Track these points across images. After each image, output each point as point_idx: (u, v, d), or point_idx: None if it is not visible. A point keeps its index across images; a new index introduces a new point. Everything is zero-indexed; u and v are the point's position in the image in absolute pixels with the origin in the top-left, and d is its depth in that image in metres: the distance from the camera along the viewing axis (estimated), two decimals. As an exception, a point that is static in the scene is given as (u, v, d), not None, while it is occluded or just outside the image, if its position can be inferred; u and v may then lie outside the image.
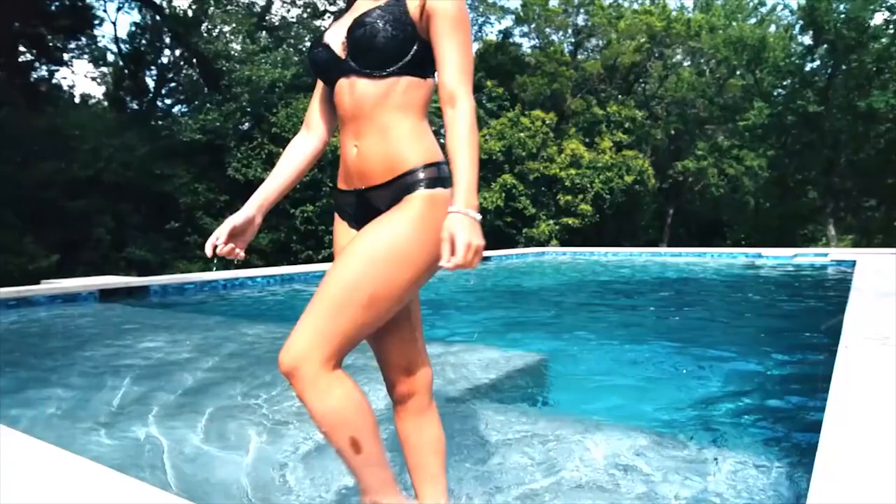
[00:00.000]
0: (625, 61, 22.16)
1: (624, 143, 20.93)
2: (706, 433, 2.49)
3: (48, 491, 1.28)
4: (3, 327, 5.14)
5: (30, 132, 11.58)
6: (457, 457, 2.12)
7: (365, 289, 1.29)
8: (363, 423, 1.30)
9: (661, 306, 6.93)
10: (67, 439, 2.25)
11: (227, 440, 2.30)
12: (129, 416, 2.57)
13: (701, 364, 3.76)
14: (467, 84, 1.34)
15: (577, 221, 19.54)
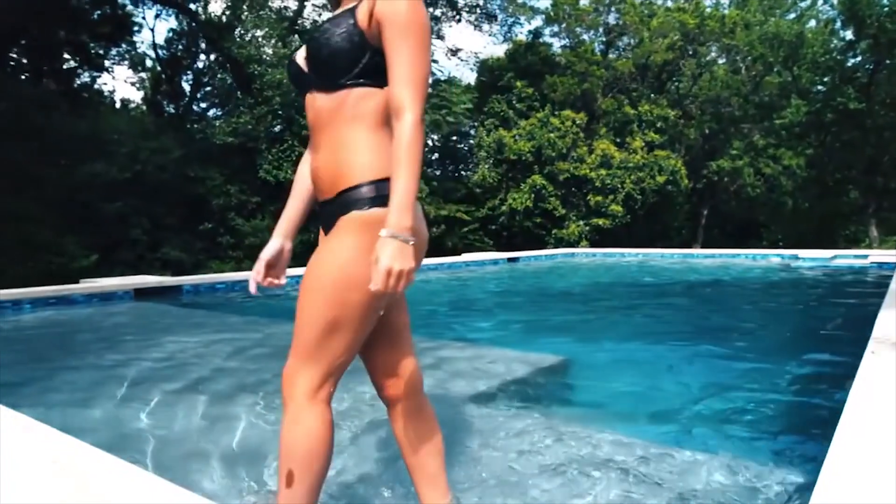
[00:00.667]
0: (657, 60, 21.82)
1: (656, 143, 20.62)
2: (727, 441, 2.45)
3: (66, 483, 1.35)
4: (42, 325, 5.35)
5: (72, 136, 12.01)
6: (464, 458, 2.14)
7: (323, 320, 1.32)
8: (307, 466, 1.33)
9: (690, 309, 6.81)
10: (90, 433, 2.34)
11: (252, 440, 2.36)
12: (153, 413, 2.66)
13: (726, 370, 3.69)
14: (414, 93, 1.27)
15: (607, 222, 19.33)
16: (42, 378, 3.19)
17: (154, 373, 3.35)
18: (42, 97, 13.32)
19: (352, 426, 2.50)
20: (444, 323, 5.94)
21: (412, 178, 1.24)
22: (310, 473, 1.34)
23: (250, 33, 15.77)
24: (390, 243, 1.20)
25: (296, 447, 1.34)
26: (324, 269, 1.34)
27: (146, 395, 2.91)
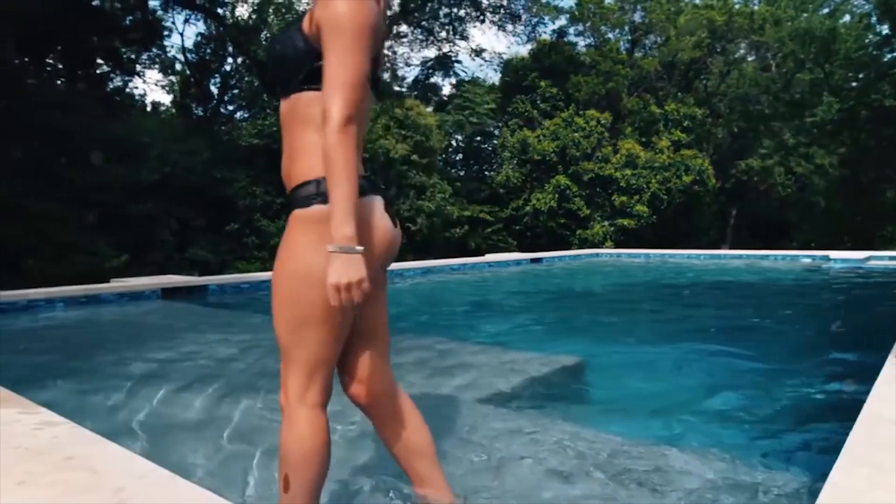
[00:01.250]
0: (684, 58, 21.50)
1: (682, 143, 20.32)
2: (743, 446, 2.42)
3: (78, 477, 1.39)
4: (73, 323, 5.51)
5: (105, 139, 12.33)
6: (474, 459, 2.15)
7: (289, 321, 1.35)
8: (303, 469, 1.35)
9: (713, 311, 6.71)
10: (110, 428, 2.41)
11: (268, 439, 2.40)
12: (173, 410, 2.72)
13: (746, 374, 3.63)
14: (339, 98, 1.24)
15: (632, 223, 19.12)
16: (69, 374, 3.30)
17: (177, 371, 3.43)
18: (76, 101, 13.70)
19: (347, 428, 2.53)
20: (463, 323, 5.95)
21: (343, 186, 1.22)
22: (304, 477, 1.36)
23: (276, 36, 16.01)
24: (335, 258, 1.20)
25: (289, 451, 1.36)
26: (278, 270, 1.37)
27: (167, 392, 2.99)
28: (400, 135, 15.81)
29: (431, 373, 3.39)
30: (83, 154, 11.96)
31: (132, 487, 1.33)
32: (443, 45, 23.18)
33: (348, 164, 1.23)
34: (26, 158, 11.33)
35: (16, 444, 1.61)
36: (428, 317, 6.47)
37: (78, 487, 1.33)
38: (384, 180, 15.32)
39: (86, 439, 1.65)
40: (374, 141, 14.94)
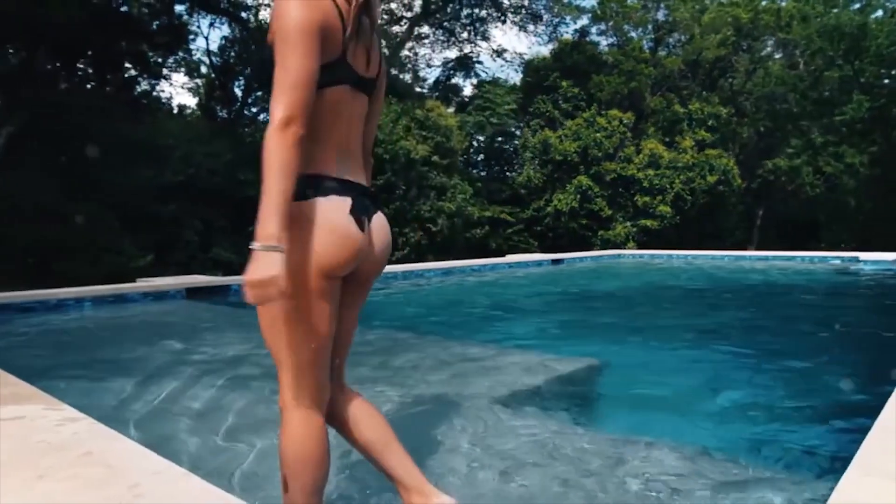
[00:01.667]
0: (708, 56, 21.19)
1: (707, 142, 20.03)
2: (761, 454, 2.38)
3: (95, 472, 1.44)
4: (100, 322, 5.65)
5: (131, 142, 12.60)
6: (483, 461, 2.16)
7: (268, 321, 1.38)
8: (300, 471, 1.36)
9: (735, 313, 6.61)
10: (130, 424, 2.47)
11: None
12: (191, 408, 2.78)
13: (766, 378, 3.58)
14: (280, 100, 1.26)
15: (655, 223, 18.91)
16: (94, 372, 3.38)
17: (196, 369, 3.50)
18: (105, 105, 14.02)
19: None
20: (481, 325, 5.95)
21: (271, 186, 1.23)
22: (301, 479, 1.37)
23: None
24: (253, 256, 1.22)
25: (286, 453, 1.38)
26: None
27: (186, 389, 3.05)
28: (421, 136, 15.84)
29: (446, 373, 3.41)
30: (111, 157, 12.23)
31: (146, 483, 1.37)
32: (464, 45, 23.22)
33: (281, 164, 1.24)
34: (57, 161, 11.64)
35: (38, 439, 1.67)
36: (446, 317, 6.49)
37: (94, 482, 1.37)
38: (405, 181, 15.37)
39: (104, 435, 1.70)
40: (394, 142, 15.00)
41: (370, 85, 1.49)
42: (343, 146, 1.43)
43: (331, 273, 1.35)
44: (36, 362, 3.56)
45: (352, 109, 1.45)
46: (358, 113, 1.48)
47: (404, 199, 15.36)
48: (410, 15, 21.16)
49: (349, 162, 1.44)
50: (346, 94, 1.42)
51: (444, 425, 2.50)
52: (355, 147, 1.48)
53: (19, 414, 1.93)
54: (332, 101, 1.39)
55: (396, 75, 19.26)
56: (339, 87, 1.39)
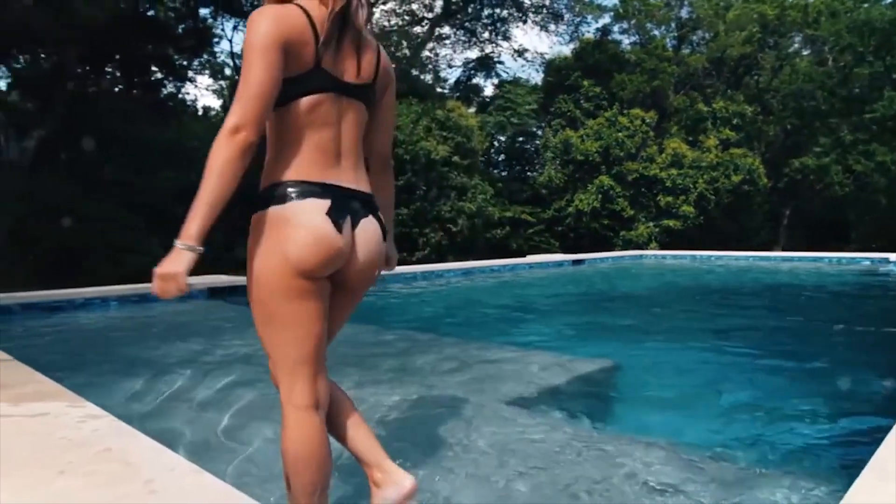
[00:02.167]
0: (733, 54, 20.86)
1: (731, 141, 19.73)
2: (777, 457, 2.35)
3: (112, 469, 1.48)
4: (124, 321, 5.78)
5: (157, 144, 12.85)
6: (495, 462, 2.17)
7: (257, 321, 1.44)
8: (300, 470, 1.40)
9: (759, 315, 6.51)
10: (148, 421, 2.53)
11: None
12: (210, 408, 2.84)
13: (787, 383, 3.52)
14: (234, 109, 1.34)
15: (678, 223, 18.69)
16: (116, 370, 3.47)
17: (218, 368, 3.56)
18: (131, 108, 14.32)
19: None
20: (499, 325, 5.95)
21: (204, 189, 1.30)
22: (301, 479, 1.41)
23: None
24: (172, 251, 1.30)
25: (286, 453, 1.42)
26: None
27: (206, 388, 3.11)
28: (441, 136, 15.87)
29: (462, 374, 3.42)
30: (137, 158, 12.49)
31: (161, 479, 1.40)
32: (485, 46, 23.19)
33: (220, 170, 1.31)
34: (86, 163, 11.93)
35: (60, 436, 1.72)
36: (465, 318, 6.50)
37: (112, 478, 1.42)
38: (425, 181, 15.41)
39: (123, 432, 1.75)
40: (415, 143, 15.05)
41: (361, 91, 1.52)
42: (328, 152, 1.46)
43: (308, 273, 1.39)
44: (61, 360, 3.66)
45: (340, 115, 1.48)
46: (350, 118, 1.50)
47: (424, 200, 15.40)
48: (431, 16, 21.21)
49: (337, 167, 1.47)
50: (329, 101, 1.45)
51: (458, 425, 2.52)
52: (347, 151, 1.50)
53: (43, 411, 1.99)
54: (311, 109, 1.43)
55: (417, 76, 19.31)
56: (319, 96, 1.43)
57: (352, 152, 1.51)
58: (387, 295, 8.04)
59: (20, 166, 11.90)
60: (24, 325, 5.23)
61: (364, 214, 1.50)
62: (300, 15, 1.40)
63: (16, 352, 3.06)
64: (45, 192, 11.17)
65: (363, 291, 1.62)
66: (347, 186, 1.47)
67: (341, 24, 1.45)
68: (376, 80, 1.55)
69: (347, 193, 1.47)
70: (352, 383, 3.21)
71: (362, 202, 1.51)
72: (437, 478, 2.02)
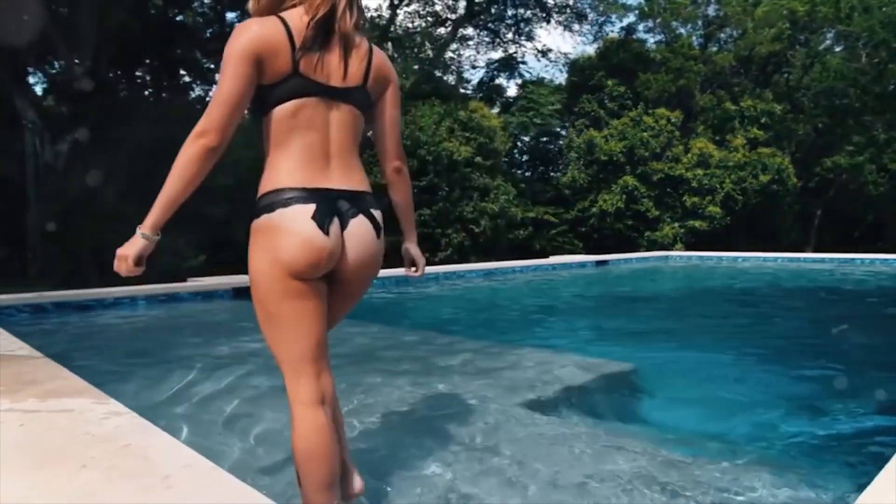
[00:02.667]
0: (761, 51, 20.46)
1: (760, 140, 19.36)
2: (795, 470, 2.32)
3: (129, 463, 1.53)
4: (151, 320, 5.92)
5: (185, 146, 13.12)
6: (507, 463, 2.18)
7: (259, 321, 1.54)
8: (306, 466, 1.47)
9: (785, 318, 6.39)
10: (168, 418, 2.60)
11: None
12: (228, 404, 2.90)
13: (810, 390, 3.45)
14: (204, 115, 1.45)
15: (704, 224, 18.42)
16: (141, 368, 3.56)
17: (239, 367, 3.62)
18: (161, 111, 14.63)
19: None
20: (519, 326, 5.95)
21: (166, 185, 1.46)
22: (310, 475, 1.46)
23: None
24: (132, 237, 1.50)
25: (295, 450, 1.49)
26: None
27: (227, 386, 3.17)
28: (464, 137, 15.89)
29: (478, 374, 3.43)
30: (168, 161, 12.75)
31: (177, 475, 1.45)
32: (509, 46, 23.14)
33: (181, 170, 1.44)
34: (118, 165, 12.22)
35: (84, 431, 1.78)
36: (484, 318, 6.51)
37: (131, 473, 1.47)
38: (447, 182, 15.44)
39: (143, 429, 1.81)
40: (437, 143, 15.10)
41: (350, 94, 1.56)
42: (316, 154, 1.52)
43: (299, 274, 1.46)
44: (90, 357, 3.77)
45: (327, 119, 1.53)
46: (340, 121, 1.55)
47: (447, 201, 15.43)
48: (455, 17, 21.24)
49: (325, 169, 1.53)
50: (313, 105, 1.51)
51: (474, 426, 2.53)
52: (337, 153, 1.55)
53: (70, 407, 2.07)
54: (294, 113, 1.50)
55: (440, 77, 19.34)
56: (302, 100, 1.49)
57: (342, 153, 1.56)
58: (408, 295, 8.09)
59: (54, 169, 12.24)
60: (57, 323, 5.39)
61: (353, 214, 1.54)
62: (276, 25, 1.47)
63: (47, 349, 3.16)
64: (77, 194, 11.48)
65: (359, 289, 1.67)
66: (335, 188, 1.52)
67: (326, 29, 1.50)
68: (367, 83, 1.59)
69: (334, 195, 1.51)
70: (370, 383, 3.25)
71: (351, 201, 1.54)
72: (452, 475, 2.04)
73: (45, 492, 1.38)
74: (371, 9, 25.04)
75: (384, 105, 1.67)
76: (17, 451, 1.65)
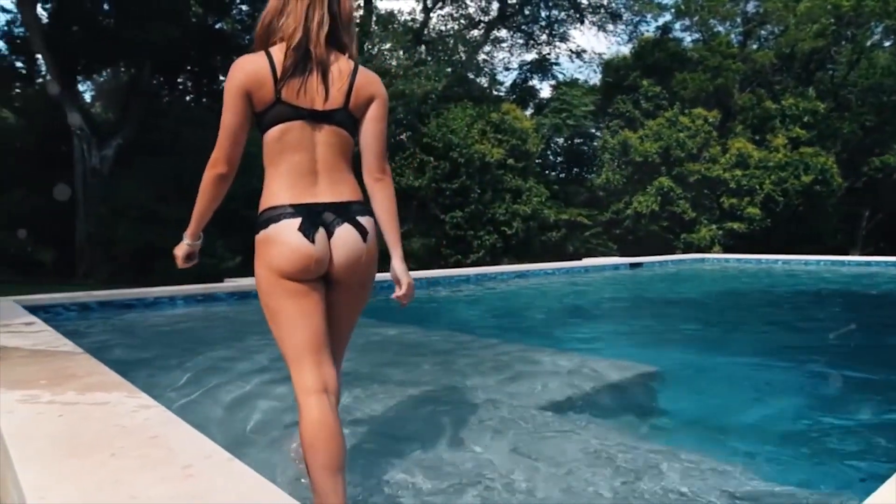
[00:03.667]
0: (804, 48, 19.87)
1: (802, 140, 18.81)
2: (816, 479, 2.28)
3: (156, 453, 1.63)
4: (188, 318, 6.12)
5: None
6: (523, 464, 2.21)
7: (265, 314, 1.77)
8: (310, 453, 1.59)
9: (822, 324, 6.22)
10: (198, 414, 2.71)
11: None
12: (257, 400, 3.00)
13: (841, 399, 3.35)
14: (215, 147, 1.74)
15: (742, 226, 18.00)
16: (174, 364, 3.70)
17: (272, 365, 3.73)
18: (201, 116, 15.08)
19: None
20: (547, 329, 5.95)
21: (196, 202, 1.83)
22: (314, 459, 1.57)
23: (377, 47, 16.65)
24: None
25: (301, 437, 1.62)
26: None
27: (261, 387, 3.28)
28: (496, 139, 15.90)
29: (499, 375, 3.46)
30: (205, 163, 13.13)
31: (198, 465, 1.53)
32: (542, 48, 23.04)
33: (201, 193, 1.80)
34: (160, 168, 12.66)
35: (115, 423, 1.89)
36: (512, 320, 6.52)
37: (155, 461, 1.56)
38: (479, 184, 15.47)
39: (170, 421, 1.91)
40: (469, 146, 15.15)
41: (332, 115, 1.74)
42: (304, 172, 1.72)
43: (291, 277, 1.68)
44: (127, 354, 3.94)
45: (313, 139, 1.73)
46: (325, 140, 1.74)
47: (479, 203, 15.47)
48: (487, 19, 21.26)
49: (313, 185, 1.73)
50: (299, 128, 1.71)
51: (484, 424, 2.57)
52: (324, 169, 1.74)
53: (105, 400, 2.18)
54: (281, 136, 1.71)
55: (473, 79, 19.38)
56: (287, 124, 1.70)
57: (329, 169, 1.75)
58: (438, 297, 8.16)
59: (100, 173, 12.75)
60: (100, 321, 5.63)
61: (339, 223, 1.73)
62: (261, 60, 1.69)
63: (88, 346, 3.32)
64: (122, 197, 11.94)
65: (359, 289, 1.83)
66: (321, 202, 1.72)
67: (305, 59, 1.68)
68: (348, 104, 1.75)
69: (320, 208, 1.71)
70: (395, 382, 3.31)
71: (337, 212, 1.73)
72: (463, 473, 2.09)
73: (76, 477, 1.48)
74: (405, 13, 25.28)
75: (367, 121, 1.81)
76: (54, 439, 1.76)
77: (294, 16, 1.69)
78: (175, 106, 16.56)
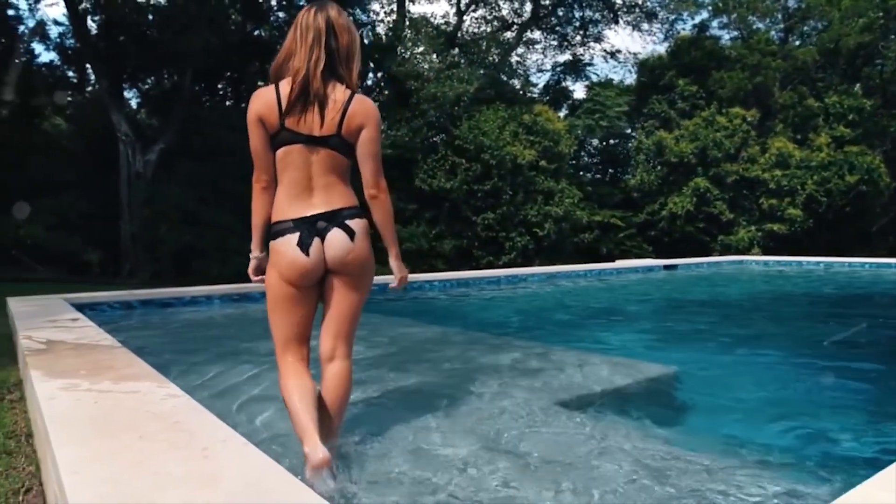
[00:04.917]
0: (848, 43, 19.22)
1: (846, 138, 18.20)
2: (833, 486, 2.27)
3: (178, 437, 1.75)
4: (223, 317, 6.35)
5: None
6: (538, 464, 2.27)
7: (266, 304, 2.21)
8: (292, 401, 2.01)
9: (862, 330, 6.04)
10: (220, 403, 2.85)
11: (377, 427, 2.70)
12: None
13: (867, 408, 3.29)
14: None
15: (783, 228, 17.51)
16: (205, 359, 3.88)
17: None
18: (239, 122, 15.51)
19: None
20: (574, 330, 5.96)
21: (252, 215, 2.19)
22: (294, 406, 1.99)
23: (409, 51, 16.81)
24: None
25: (282, 391, 2.09)
26: None
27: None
28: (528, 140, 15.88)
29: (520, 375, 3.52)
30: (243, 168, 13.51)
31: (214, 447, 1.66)
32: (576, 49, 22.88)
33: (253, 206, 2.17)
34: (200, 172, 13.09)
35: (146, 409, 2.04)
36: (541, 321, 6.55)
37: (177, 444, 1.69)
38: (511, 186, 15.47)
39: (193, 408, 2.05)
40: (501, 147, 15.16)
41: (328, 140, 2.06)
42: (301, 187, 2.08)
43: (290, 282, 2.10)
44: (163, 349, 4.14)
45: (310, 160, 2.07)
46: (320, 161, 2.08)
47: (511, 204, 15.46)
48: (520, 21, 21.24)
49: (309, 199, 2.08)
50: (298, 150, 2.06)
51: (503, 423, 2.64)
52: (319, 186, 2.09)
53: (137, 389, 2.34)
54: (284, 157, 2.08)
55: (505, 81, 19.37)
56: (288, 147, 2.06)
57: (323, 185, 2.09)
58: (468, 298, 8.23)
59: (143, 177, 13.25)
60: (140, 318, 5.90)
61: (330, 228, 2.09)
62: (270, 93, 2.05)
63: (127, 341, 3.51)
64: (164, 200, 12.38)
65: (348, 275, 2.15)
66: (315, 213, 2.07)
67: (305, 92, 2.01)
68: (341, 130, 2.06)
69: (314, 219, 2.07)
70: (412, 377, 3.40)
71: (328, 219, 2.09)
72: (478, 470, 2.16)
73: (107, 456, 1.62)
74: (438, 16, 25.44)
75: (361, 143, 2.11)
76: (90, 423, 1.92)
77: (299, 56, 2.03)
78: (215, 112, 17.06)
